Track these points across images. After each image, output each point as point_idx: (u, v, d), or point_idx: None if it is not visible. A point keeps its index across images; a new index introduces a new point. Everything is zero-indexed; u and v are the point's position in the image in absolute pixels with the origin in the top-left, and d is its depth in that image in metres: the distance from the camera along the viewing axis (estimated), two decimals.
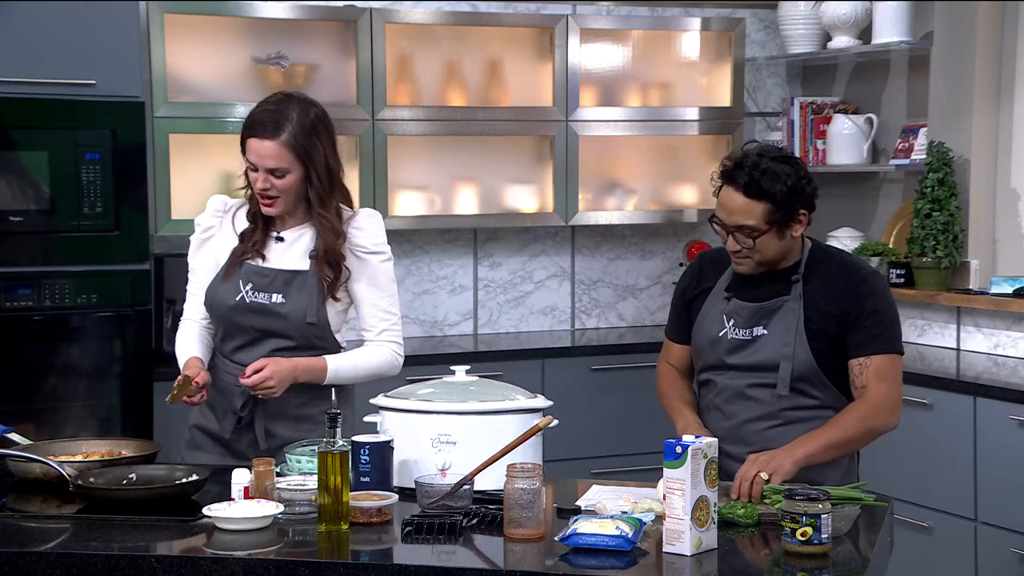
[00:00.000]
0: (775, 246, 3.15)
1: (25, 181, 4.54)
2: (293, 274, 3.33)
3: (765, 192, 3.08)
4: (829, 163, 5.80)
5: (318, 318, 3.32)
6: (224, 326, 3.38)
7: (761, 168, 3.08)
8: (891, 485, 4.34)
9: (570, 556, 2.58)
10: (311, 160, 3.26)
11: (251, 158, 3.27)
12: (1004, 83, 5.23)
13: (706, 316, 3.28)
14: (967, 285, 5.21)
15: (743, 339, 3.21)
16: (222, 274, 3.36)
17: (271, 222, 3.37)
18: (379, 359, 3.41)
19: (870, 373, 3.14)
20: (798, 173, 3.11)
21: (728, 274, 3.28)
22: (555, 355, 5.43)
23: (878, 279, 3.22)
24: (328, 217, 3.31)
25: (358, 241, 3.36)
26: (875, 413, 3.14)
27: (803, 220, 3.14)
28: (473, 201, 5.57)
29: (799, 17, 5.85)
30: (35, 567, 2.61)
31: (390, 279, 3.41)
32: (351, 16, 5.24)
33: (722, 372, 3.25)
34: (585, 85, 5.63)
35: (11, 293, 4.48)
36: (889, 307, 3.20)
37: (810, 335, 3.16)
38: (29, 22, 4.48)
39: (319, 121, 3.29)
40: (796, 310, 3.16)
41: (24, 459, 3.09)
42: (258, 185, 3.28)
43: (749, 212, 3.10)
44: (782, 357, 3.16)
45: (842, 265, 3.22)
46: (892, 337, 3.18)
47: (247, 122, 3.29)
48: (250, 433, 3.37)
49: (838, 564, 2.56)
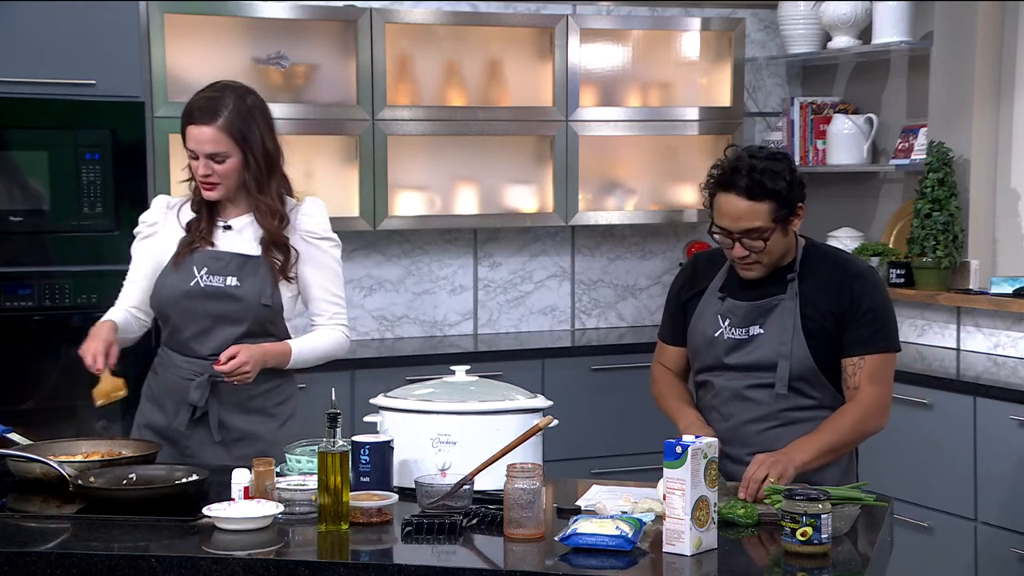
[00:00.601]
0: (781, 244, 3.15)
1: (25, 181, 4.54)
2: (246, 258, 3.40)
3: (769, 191, 3.08)
4: (829, 163, 5.81)
5: (273, 300, 3.39)
6: (175, 316, 3.41)
7: (759, 169, 3.08)
8: (891, 485, 4.35)
9: (570, 556, 2.58)
10: (248, 144, 3.34)
11: (191, 145, 3.34)
12: (1004, 83, 5.23)
13: (701, 317, 3.27)
14: (967, 285, 5.21)
15: (740, 338, 3.20)
16: (171, 264, 3.41)
17: (216, 211, 3.43)
18: (333, 341, 3.49)
19: (863, 374, 3.14)
20: (790, 167, 3.14)
21: (722, 274, 3.27)
22: (555, 355, 5.43)
23: (874, 275, 3.22)
24: (265, 201, 3.38)
25: (308, 227, 3.44)
26: (868, 417, 3.15)
27: (800, 213, 3.16)
28: (473, 201, 5.57)
29: (799, 17, 5.85)
30: (35, 567, 2.61)
31: (338, 264, 3.51)
32: (351, 16, 5.24)
33: (719, 373, 3.24)
34: (585, 85, 5.63)
35: (11, 293, 4.48)
36: (885, 304, 3.20)
37: (807, 334, 3.15)
38: (29, 22, 4.48)
39: (255, 107, 3.38)
40: (793, 308, 3.16)
41: (24, 459, 3.09)
42: (199, 172, 3.35)
43: (755, 214, 3.09)
44: (780, 356, 3.16)
45: (837, 262, 3.22)
46: (888, 335, 3.18)
47: (184, 111, 3.36)
48: (203, 427, 3.39)
49: (838, 564, 2.56)
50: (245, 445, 3.38)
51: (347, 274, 5.56)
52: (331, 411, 2.81)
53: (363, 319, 5.61)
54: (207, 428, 3.39)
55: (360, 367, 5.04)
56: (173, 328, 3.43)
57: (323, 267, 3.46)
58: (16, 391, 4.44)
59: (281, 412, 3.46)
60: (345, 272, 5.51)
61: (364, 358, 5.14)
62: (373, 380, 4.81)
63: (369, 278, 5.64)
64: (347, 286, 5.56)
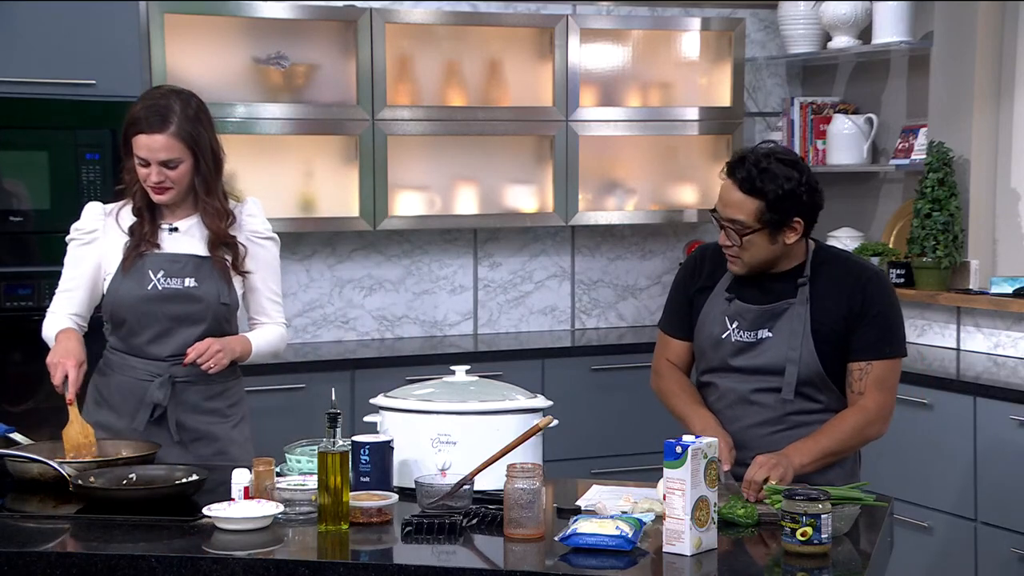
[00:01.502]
0: (765, 249, 3.12)
1: (25, 181, 4.53)
2: (201, 259, 3.43)
3: (758, 190, 3.06)
4: (829, 163, 5.80)
5: (230, 299, 3.44)
6: (131, 320, 3.41)
7: (762, 167, 3.07)
8: (891, 485, 4.35)
9: (570, 556, 2.58)
10: (199, 148, 3.37)
11: (142, 153, 3.35)
12: (1004, 83, 5.23)
13: (708, 316, 3.25)
14: (967, 285, 5.21)
15: (748, 341, 3.18)
16: (121, 270, 3.41)
17: (158, 214, 3.44)
18: (279, 336, 3.56)
19: (870, 380, 3.13)
20: (800, 179, 3.08)
21: (729, 274, 3.24)
22: (555, 355, 5.43)
23: (885, 279, 3.22)
24: (213, 203, 3.42)
25: (253, 227, 3.50)
26: (871, 424, 3.15)
27: (797, 228, 3.11)
28: (473, 201, 5.57)
29: (799, 17, 5.85)
30: (35, 567, 2.61)
31: (278, 262, 3.57)
32: (351, 16, 5.24)
33: (725, 375, 3.22)
34: (585, 85, 5.63)
35: (11, 293, 4.48)
36: (894, 309, 3.18)
37: (817, 338, 3.13)
38: (29, 22, 4.48)
39: (200, 110, 3.41)
40: (803, 314, 3.14)
41: (24, 459, 3.09)
42: (152, 179, 3.36)
43: (742, 207, 3.09)
44: (788, 361, 3.14)
45: (848, 267, 3.20)
46: (896, 340, 3.17)
47: (130, 120, 3.38)
48: (160, 427, 3.40)
49: (838, 564, 2.56)
50: (202, 445, 3.43)
51: (347, 274, 5.60)
52: (331, 411, 2.81)
53: (363, 319, 5.61)
54: (164, 428, 3.41)
55: (360, 367, 5.05)
56: (129, 332, 3.43)
57: (267, 267, 3.52)
58: (16, 391, 4.44)
59: (234, 413, 3.51)
60: (345, 272, 5.60)
61: (364, 358, 5.15)
62: (373, 380, 4.81)
63: (369, 278, 5.64)
64: (347, 286, 5.60)
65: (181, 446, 3.40)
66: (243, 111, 5.07)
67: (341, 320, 5.59)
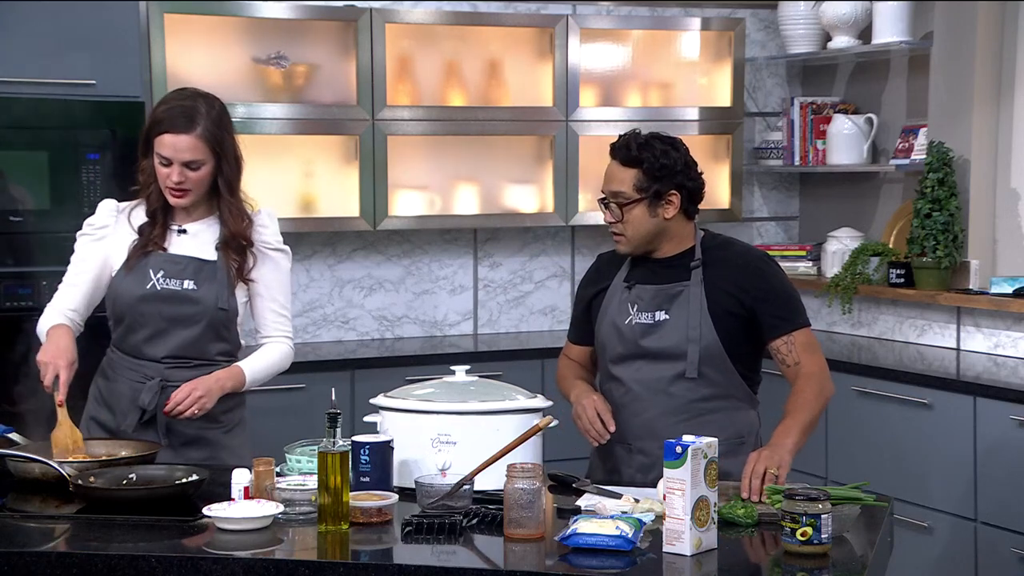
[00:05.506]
0: (645, 223, 3.27)
1: (25, 181, 4.53)
2: (203, 262, 3.42)
3: (635, 159, 3.24)
4: (829, 163, 5.80)
5: (229, 304, 3.41)
6: (129, 319, 3.42)
7: (640, 142, 3.27)
8: (891, 485, 4.35)
9: (570, 556, 2.58)
10: (223, 150, 3.38)
11: (165, 152, 3.34)
12: (1004, 83, 5.23)
13: (608, 308, 3.36)
14: (967, 285, 5.20)
15: (647, 323, 3.28)
16: (125, 267, 3.41)
17: (171, 217, 3.44)
18: (281, 356, 3.53)
19: (799, 348, 3.24)
20: (677, 156, 3.27)
21: (626, 267, 3.38)
22: (555, 355, 5.36)
23: (772, 260, 3.37)
24: (236, 204, 3.43)
25: (264, 238, 3.49)
26: (823, 383, 3.25)
27: (674, 202, 3.26)
28: (473, 201, 5.57)
29: (799, 17, 5.85)
30: (35, 567, 2.61)
31: (288, 276, 3.56)
32: (351, 16, 5.24)
33: (629, 363, 3.30)
34: (585, 85, 5.63)
35: (11, 293, 4.48)
36: (789, 284, 3.33)
37: (713, 318, 3.24)
38: (29, 22, 4.48)
39: (224, 113, 3.43)
40: (699, 294, 3.25)
41: (24, 459, 3.10)
42: (172, 179, 3.35)
43: (622, 180, 3.27)
44: (689, 341, 3.23)
45: (739, 250, 3.36)
46: (801, 310, 3.32)
47: (154, 119, 3.38)
48: (151, 429, 3.40)
49: (838, 564, 2.56)
50: (192, 450, 3.42)
51: (347, 274, 5.60)
52: (331, 411, 2.81)
53: (363, 319, 5.61)
54: (155, 431, 3.40)
55: (360, 367, 5.04)
56: (126, 330, 3.43)
57: (276, 279, 3.50)
58: (16, 391, 4.43)
59: (228, 419, 3.48)
60: (345, 272, 5.59)
61: (364, 358, 5.15)
62: (373, 380, 4.81)
63: (369, 278, 5.64)
64: (347, 286, 5.60)
65: (171, 449, 3.38)
66: (243, 111, 5.07)
67: (341, 320, 5.59)
